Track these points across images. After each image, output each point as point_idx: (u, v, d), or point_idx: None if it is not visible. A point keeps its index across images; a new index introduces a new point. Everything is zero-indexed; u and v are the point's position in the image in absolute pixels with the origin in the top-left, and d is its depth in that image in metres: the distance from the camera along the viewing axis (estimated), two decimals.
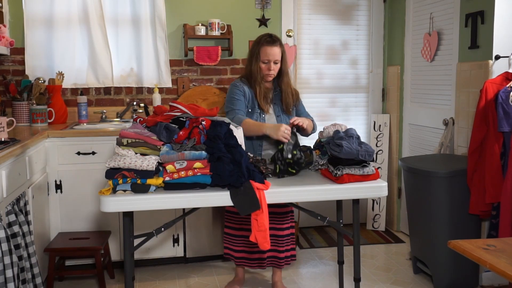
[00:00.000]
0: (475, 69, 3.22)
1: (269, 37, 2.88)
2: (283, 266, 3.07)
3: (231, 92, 2.92)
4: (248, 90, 2.92)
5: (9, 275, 2.17)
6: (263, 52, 2.85)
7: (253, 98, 2.92)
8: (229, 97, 2.93)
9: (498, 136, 2.84)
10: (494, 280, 3.20)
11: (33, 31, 3.72)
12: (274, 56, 2.85)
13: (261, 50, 2.86)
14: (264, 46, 2.85)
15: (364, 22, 4.38)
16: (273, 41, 2.86)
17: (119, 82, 3.91)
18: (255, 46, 2.91)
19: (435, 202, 3.07)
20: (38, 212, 2.97)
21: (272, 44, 2.85)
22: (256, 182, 2.14)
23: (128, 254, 2.22)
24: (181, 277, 3.40)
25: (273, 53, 2.85)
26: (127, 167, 2.05)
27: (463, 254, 1.64)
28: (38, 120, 3.55)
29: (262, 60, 2.86)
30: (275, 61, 2.87)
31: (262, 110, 2.91)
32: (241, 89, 2.91)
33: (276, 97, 2.98)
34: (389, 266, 3.59)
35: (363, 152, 2.27)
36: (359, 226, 2.42)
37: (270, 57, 2.85)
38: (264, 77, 2.91)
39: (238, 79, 3.00)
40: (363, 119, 4.47)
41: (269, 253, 3.02)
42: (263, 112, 2.92)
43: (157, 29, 3.88)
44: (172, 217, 3.18)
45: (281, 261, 3.03)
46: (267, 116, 2.93)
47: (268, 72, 2.88)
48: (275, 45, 2.86)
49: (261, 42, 2.87)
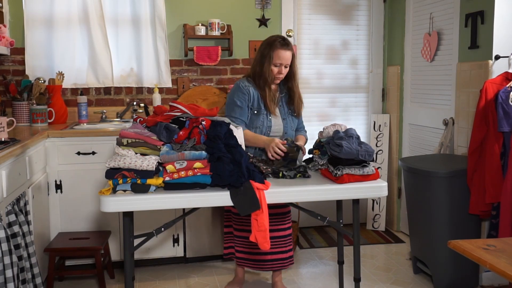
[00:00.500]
0: (475, 69, 3.22)
1: (282, 40, 2.86)
2: (288, 266, 3.05)
3: (234, 95, 2.88)
4: (254, 91, 2.89)
5: (9, 275, 2.17)
6: (276, 55, 2.83)
7: (259, 99, 2.89)
8: (230, 101, 2.89)
9: (498, 136, 2.84)
10: (494, 280, 3.20)
11: (33, 31, 3.72)
12: (286, 60, 2.85)
13: (274, 53, 2.83)
14: (278, 49, 2.83)
15: (364, 22, 4.38)
16: (286, 45, 2.85)
17: (119, 82, 3.91)
18: (267, 48, 2.86)
19: (435, 202, 3.07)
20: (38, 212, 2.97)
21: (286, 48, 2.84)
22: (256, 182, 2.14)
23: (128, 254, 2.22)
24: (181, 277, 3.40)
25: (286, 57, 2.84)
26: (127, 167, 2.05)
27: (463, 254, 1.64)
28: (38, 120, 3.55)
29: (275, 63, 2.84)
30: (286, 65, 2.86)
31: (269, 111, 2.90)
32: (245, 91, 2.86)
33: (282, 99, 2.97)
34: (389, 266, 3.59)
35: (363, 152, 2.27)
36: (359, 226, 2.42)
37: (283, 61, 2.84)
38: (273, 80, 2.90)
39: (244, 79, 2.95)
40: (363, 119, 4.47)
41: (273, 256, 2.97)
42: (270, 114, 2.90)
43: (157, 29, 3.88)
44: (172, 217, 3.18)
45: (286, 262, 3.00)
46: (273, 118, 2.92)
47: (278, 75, 2.87)
48: (288, 49, 2.85)
49: (275, 45, 2.84)
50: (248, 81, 2.92)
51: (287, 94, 2.98)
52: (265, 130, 2.89)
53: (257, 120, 2.88)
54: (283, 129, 2.93)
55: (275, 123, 2.91)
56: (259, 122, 2.88)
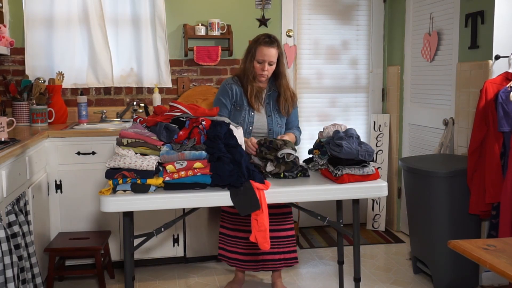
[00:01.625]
0: (475, 69, 3.22)
1: (267, 38, 2.87)
2: (281, 268, 3.04)
3: (219, 93, 2.96)
4: (238, 88, 2.92)
5: (9, 275, 2.17)
6: (259, 52, 2.84)
7: (242, 96, 2.91)
8: (216, 98, 2.97)
9: (498, 136, 2.84)
10: (494, 280, 3.20)
11: (33, 31, 3.72)
12: (269, 57, 2.84)
13: (257, 49, 2.85)
14: (261, 46, 2.84)
15: (364, 22, 4.38)
16: (270, 42, 2.85)
17: (119, 82, 3.91)
18: (252, 45, 2.91)
19: (435, 202, 3.06)
20: (38, 212, 2.97)
21: (270, 45, 2.84)
22: (256, 182, 2.14)
23: (128, 254, 2.22)
24: (181, 277, 3.40)
25: (269, 54, 2.84)
26: (127, 167, 2.05)
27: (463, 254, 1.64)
28: (38, 120, 3.55)
29: (257, 60, 2.86)
30: (270, 62, 2.85)
31: (252, 108, 2.91)
32: (228, 88, 2.92)
33: (269, 97, 2.97)
34: (389, 266, 3.59)
35: (363, 152, 2.27)
36: (359, 226, 2.42)
37: (266, 57, 2.84)
38: (256, 77, 2.90)
39: (231, 77, 3.01)
40: (363, 119, 4.47)
41: (264, 256, 2.95)
42: (253, 110, 2.91)
43: (157, 29, 3.88)
44: (172, 217, 3.18)
45: (277, 263, 2.98)
46: (257, 114, 2.92)
47: (261, 72, 2.87)
48: (272, 46, 2.84)
49: (259, 42, 2.87)
50: (233, 79, 2.97)
51: (275, 92, 2.98)
52: (246, 126, 2.89)
53: (239, 116, 2.89)
54: (267, 125, 2.93)
55: (258, 120, 2.91)
56: (240, 117, 2.90)
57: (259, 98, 2.93)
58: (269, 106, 2.95)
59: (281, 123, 2.97)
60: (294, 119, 3.06)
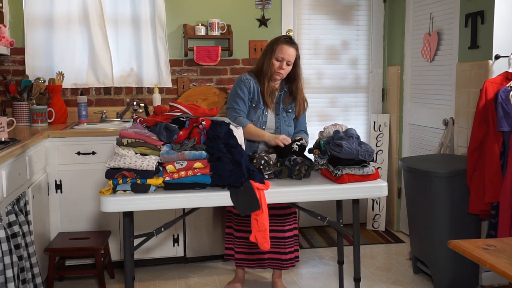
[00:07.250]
0: (475, 69, 3.22)
1: (288, 38, 2.89)
2: (288, 268, 3.06)
3: (237, 86, 2.91)
4: (255, 85, 2.91)
5: (9, 275, 2.17)
6: (279, 49, 2.84)
7: (259, 93, 2.90)
8: (233, 91, 2.91)
9: (497, 135, 2.84)
10: (494, 280, 3.20)
11: (33, 31, 3.72)
12: (288, 55, 2.84)
13: (277, 47, 2.85)
14: (282, 44, 2.85)
15: (364, 22, 4.38)
16: (291, 42, 2.87)
17: (119, 82, 3.91)
18: (272, 43, 2.90)
19: (435, 202, 3.07)
20: (38, 212, 2.97)
21: (290, 44, 2.86)
22: (256, 182, 2.14)
23: (128, 254, 2.22)
24: (181, 277, 3.40)
25: (288, 53, 2.84)
26: (127, 167, 2.05)
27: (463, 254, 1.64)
28: (38, 120, 3.55)
29: (276, 57, 2.85)
30: (288, 61, 2.86)
31: (267, 106, 2.91)
32: (247, 84, 2.89)
33: (279, 97, 2.97)
34: (389, 266, 3.59)
35: (363, 152, 2.27)
36: (359, 226, 2.42)
37: (285, 56, 2.84)
38: (273, 75, 2.89)
39: (247, 72, 2.99)
40: (363, 119, 4.47)
41: (270, 255, 3.00)
42: (267, 110, 2.91)
43: (157, 29, 3.88)
44: (172, 217, 3.18)
45: (285, 263, 3.01)
46: (269, 114, 2.92)
47: (279, 70, 2.87)
48: (292, 46, 2.86)
49: (280, 40, 2.88)
50: (250, 75, 2.95)
51: (286, 93, 2.98)
52: (259, 125, 2.89)
53: (254, 114, 2.89)
54: (275, 124, 2.93)
55: (270, 119, 2.92)
56: (255, 116, 2.89)
57: (272, 97, 2.93)
58: (278, 106, 2.95)
59: (289, 122, 2.97)
60: (302, 122, 3.07)
